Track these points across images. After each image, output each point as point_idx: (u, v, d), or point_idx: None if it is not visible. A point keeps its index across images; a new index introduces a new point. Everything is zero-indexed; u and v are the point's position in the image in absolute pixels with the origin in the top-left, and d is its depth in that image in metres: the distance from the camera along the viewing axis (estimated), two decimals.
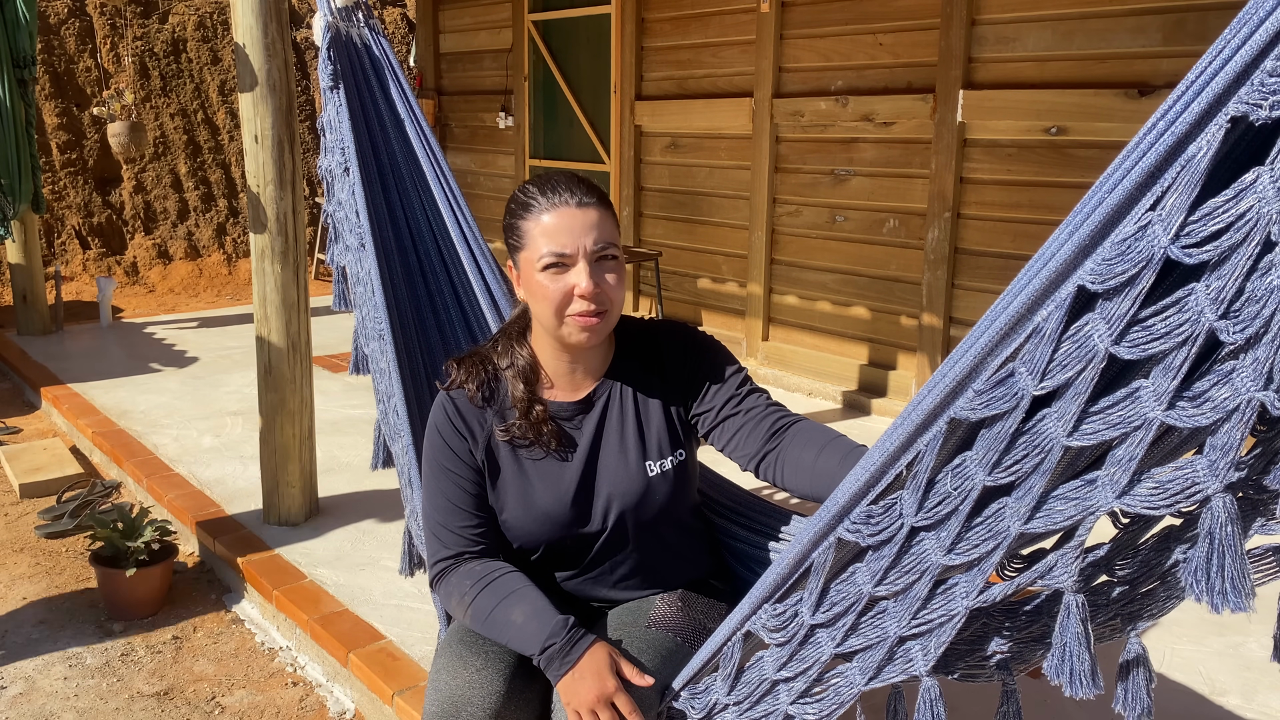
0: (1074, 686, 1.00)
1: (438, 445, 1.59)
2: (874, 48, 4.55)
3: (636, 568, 1.62)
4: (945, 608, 1.09)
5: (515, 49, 6.61)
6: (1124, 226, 0.90)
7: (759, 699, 1.33)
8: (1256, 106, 0.82)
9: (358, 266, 2.30)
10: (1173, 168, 0.88)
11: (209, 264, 8.06)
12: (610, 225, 1.50)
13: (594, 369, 1.60)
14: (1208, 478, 0.88)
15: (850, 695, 1.21)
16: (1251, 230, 0.82)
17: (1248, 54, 0.83)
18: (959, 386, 1.04)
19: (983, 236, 4.25)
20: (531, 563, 1.63)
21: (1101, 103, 3.79)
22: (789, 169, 4.98)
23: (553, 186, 1.50)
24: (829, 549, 1.20)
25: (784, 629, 1.27)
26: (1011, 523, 1.01)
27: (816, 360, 4.95)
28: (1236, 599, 0.86)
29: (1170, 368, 0.88)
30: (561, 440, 1.57)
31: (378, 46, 2.48)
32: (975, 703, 2.29)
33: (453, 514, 1.57)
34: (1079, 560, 1.00)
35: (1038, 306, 0.97)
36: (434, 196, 2.37)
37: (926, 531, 1.10)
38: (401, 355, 2.11)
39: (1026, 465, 0.99)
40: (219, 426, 4.26)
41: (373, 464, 2.32)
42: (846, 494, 1.17)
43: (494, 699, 1.44)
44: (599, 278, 1.47)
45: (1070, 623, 0.99)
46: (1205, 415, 0.86)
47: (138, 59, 8.16)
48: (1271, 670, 2.45)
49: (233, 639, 2.86)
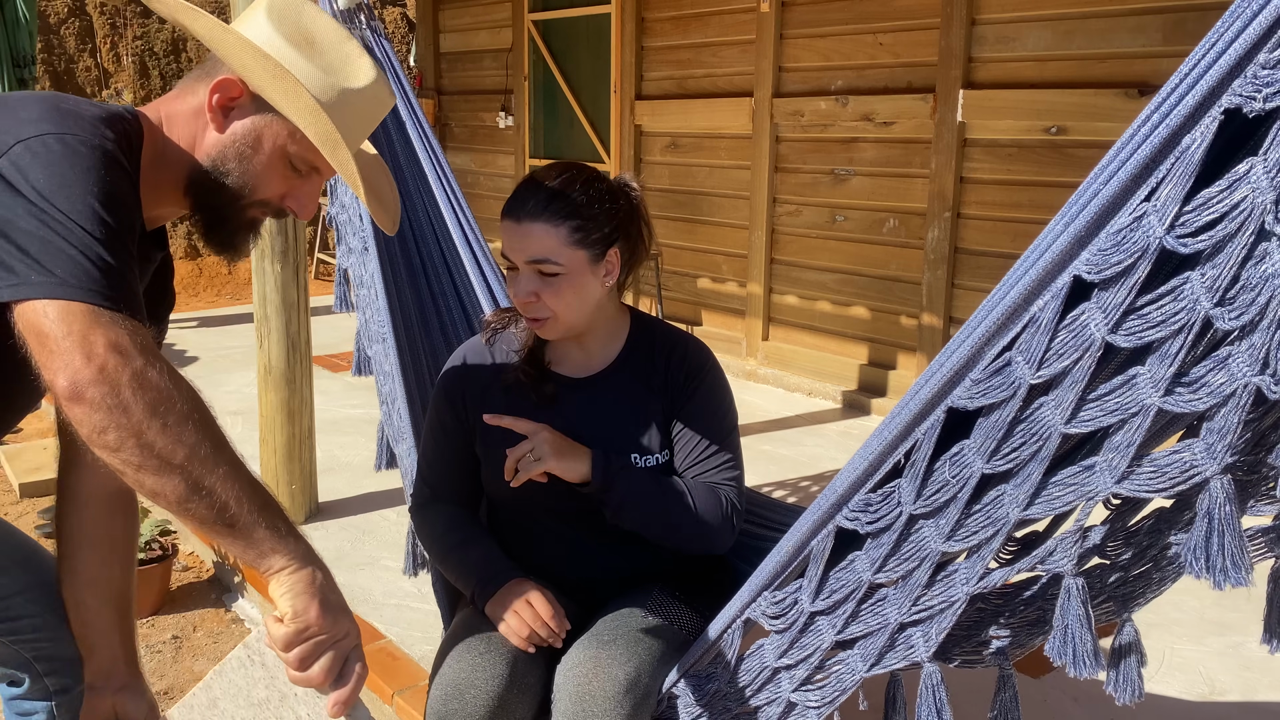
0: (1077, 667, 1.03)
1: (441, 396, 1.70)
2: (874, 48, 4.55)
3: (604, 549, 1.65)
4: (946, 594, 1.10)
5: (515, 49, 6.62)
6: (1120, 217, 0.92)
7: (760, 686, 1.35)
8: (1250, 99, 0.84)
9: (361, 269, 2.30)
10: (1168, 159, 0.89)
11: (209, 264, 8.06)
12: (552, 241, 1.50)
13: (599, 357, 1.65)
14: (1205, 461, 0.89)
15: (852, 682, 1.22)
16: (1245, 220, 0.84)
17: (1241, 47, 0.85)
18: (956, 376, 1.06)
19: (983, 236, 4.25)
20: (504, 526, 1.71)
21: (1101, 103, 3.79)
22: (789, 169, 4.98)
23: (519, 192, 1.54)
24: (828, 537, 1.22)
25: (784, 616, 1.29)
26: (1010, 509, 1.03)
27: (816, 360, 4.95)
28: (1236, 574, 0.88)
29: (1167, 355, 0.90)
30: (554, 403, 1.63)
31: (379, 49, 2.49)
32: (976, 703, 2.29)
33: (441, 463, 1.72)
34: (1079, 545, 1.01)
35: (1034, 297, 0.99)
36: (436, 199, 2.37)
37: (925, 519, 1.11)
38: (405, 357, 2.12)
39: (1025, 452, 1.01)
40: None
41: (376, 465, 2.33)
42: (845, 482, 1.19)
43: (498, 682, 1.46)
44: (535, 287, 1.52)
45: (1071, 605, 1.01)
46: (1202, 401, 0.88)
47: (138, 59, 8.17)
48: (1271, 670, 2.45)
49: (233, 639, 2.86)
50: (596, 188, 1.54)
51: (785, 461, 3.96)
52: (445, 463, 1.71)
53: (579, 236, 1.51)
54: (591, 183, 1.54)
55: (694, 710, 1.47)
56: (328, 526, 3.28)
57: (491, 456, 1.66)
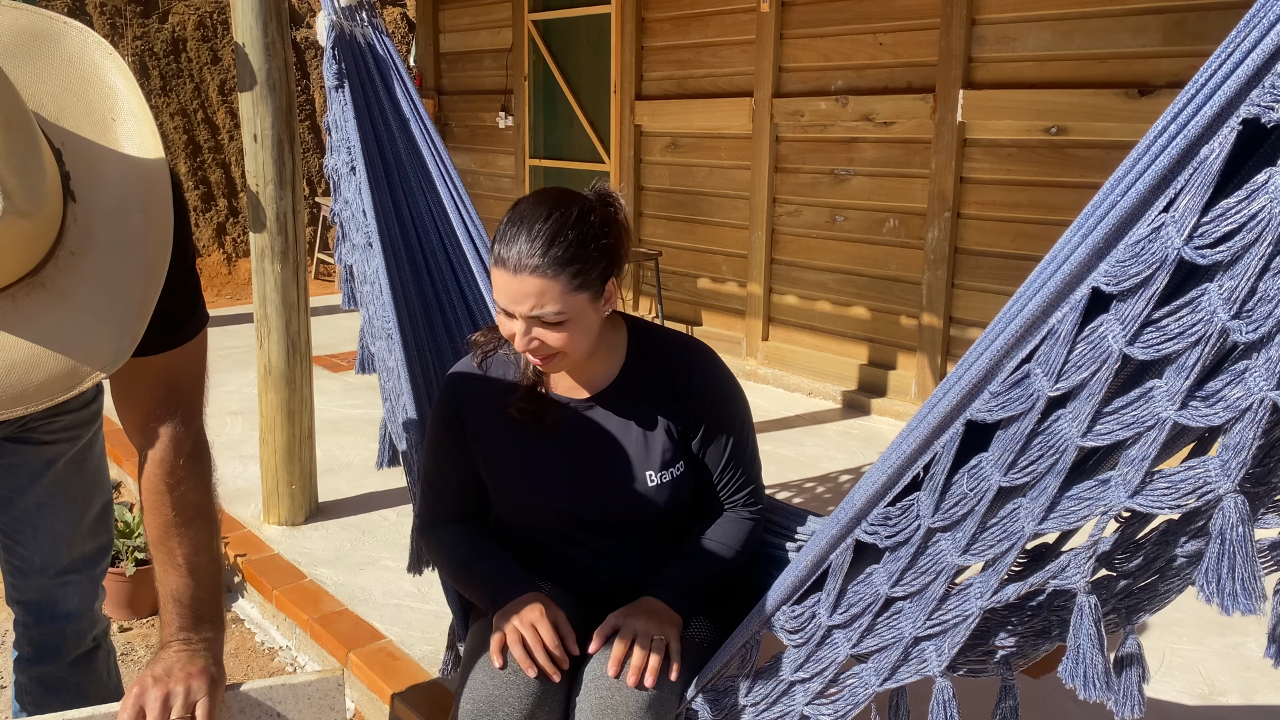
0: (1088, 689, 1.02)
1: (439, 422, 1.66)
2: (874, 48, 4.55)
3: (615, 566, 1.64)
4: (960, 608, 1.09)
5: (515, 49, 6.61)
6: (1138, 228, 0.91)
7: (775, 699, 1.34)
8: (1269, 109, 0.83)
9: (365, 265, 2.30)
10: (1185, 170, 0.89)
11: (209, 263, 8.06)
12: (553, 293, 1.41)
13: (599, 375, 1.60)
14: (1219, 477, 0.88)
15: (865, 696, 1.22)
16: (1264, 231, 0.83)
17: (1259, 56, 0.84)
18: (975, 388, 1.05)
19: (983, 236, 4.25)
20: (515, 541, 1.69)
21: (1101, 103, 3.79)
22: (789, 169, 4.98)
23: (512, 235, 1.43)
24: (847, 550, 1.21)
25: (802, 630, 1.28)
26: (1026, 523, 1.02)
27: (816, 360, 4.95)
28: (1247, 601, 0.87)
29: (1184, 368, 0.89)
30: (560, 429, 1.59)
31: (381, 46, 2.49)
32: (976, 704, 2.29)
33: (444, 486, 1.70)
34: (1093, 560, 1.01)
35: (1053, 309, 0.98)
36: (439, 195, 2.37)
37: (943, 532, 1.10)
38: (411, 353, 2.11)
39: (1041, 466, 1.00)
40: (219, 426, 4.25)
41: (378, 463, 2.32)
42: (864, 496, 1.18)
43: (530, 698, 1.44)
44: (536, 334, 1.45)
45: (1084, 625, 1.00)
46: (1218, 415, 0.87)
47: (138, 58, 8.16)
48: (1271, 670, 2.45)
49: (233, 638, 2.86)
50: (589, 223, 1.45)
51: (785, 461, 3.96)
52: (448, 485, 1.69)
53: (578, 282, 1.43)
54: (584, 219, 1.45)
55: None
56: (328, 526, 3.27)
57: (499, 485, 1.63)
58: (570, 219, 1.43)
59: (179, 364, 1.34)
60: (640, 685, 1.41)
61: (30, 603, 1.71)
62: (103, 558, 1.79)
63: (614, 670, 1.42)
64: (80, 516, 1.71)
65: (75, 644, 1.76)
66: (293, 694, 1.33)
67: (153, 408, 1.33)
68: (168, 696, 1.23)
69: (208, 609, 1.33)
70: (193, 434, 1.36)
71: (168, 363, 1.32)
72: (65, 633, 1.74)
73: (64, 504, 1.67)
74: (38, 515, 1.65)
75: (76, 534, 1.70)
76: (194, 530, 1.34)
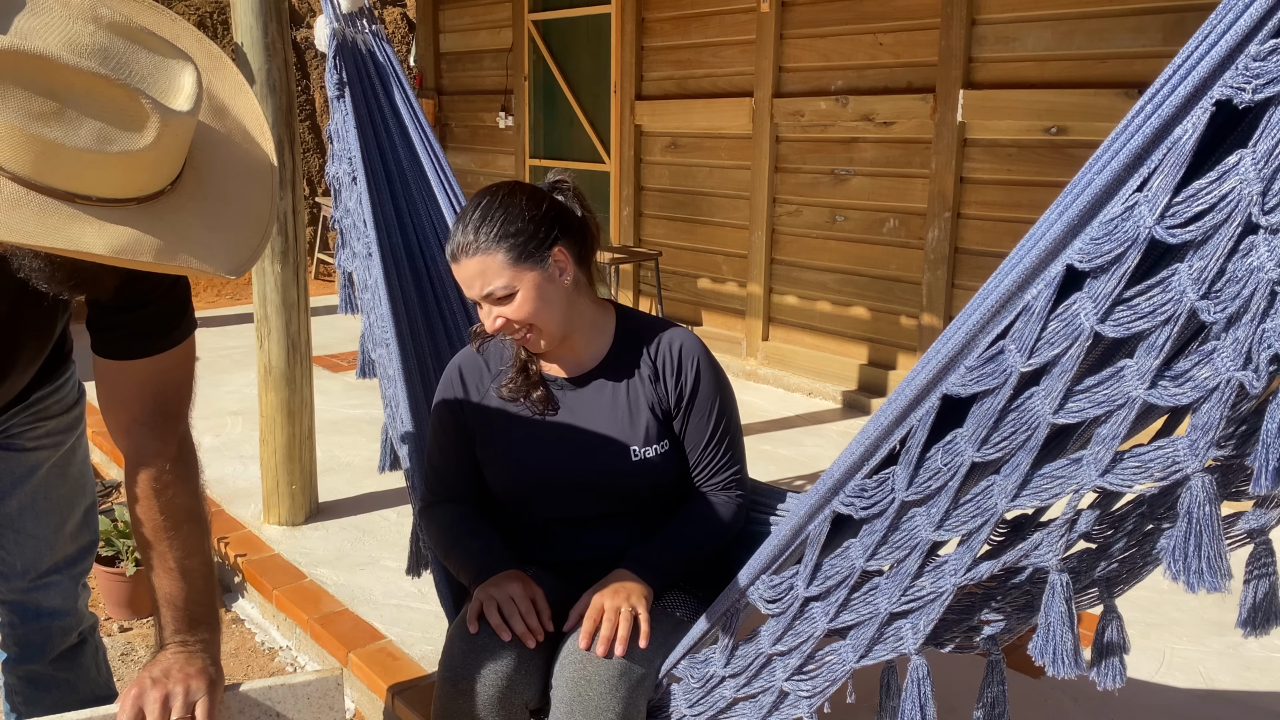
0: (1056, 666, 1.03)
1: (442, 405, 1.75)
2: (874, 48, 4.55)
3: (598, 539, 1.71)
4: (935, 584, 1.11)
5: (515, 49, 6.62)
6: (1112, 207, 0.92)
7: (755, 673, 1.36)
8: (1240, 90, 0.84)
9: (365, 274, 2.32)
10: (1159, 150, 0.90)
11: None
12: (493, 268, 1.54)
13: (587, 355, 1.70)
14: (1188, 457, 0.89)
15: (843, 672, 1.23)
16: (1233, 211, 0.84)
17: (1232, 39, 0.85)
18: (951, 363, 1.07)
19: (983, 236, 4.25)
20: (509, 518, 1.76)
21: (1101, 103, 3.79)
22: (789, 169, 4.99)
23: (453, 230, 1.58)
24: (825, 521, 1.23)
25: (780, 600, 1.31)
26: (999, 500, 1.04)
27: (816, 360, 4.95)
28: (1213, 579, 0.88)
29: (1153, 347, 0.90)
30: (549, 406, 1.68)
31: (381, 52, 2.50)
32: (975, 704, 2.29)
33: (446, 467, 1.77)
34: (1065, 538, 1.02)
35: (1028, 285, 1.00)
36: (439, 203, 2.40)
37: (917, 506, 1.12)
38: (410, 362, 2.14)
39: (1014, 442, 1.01)
40: (219, 426, 4.26)
41: (380, 467, 2.35)
42: (842, 467, 1.20)
43: (506, 665, 1.51)
44: (499, 313, 1.57)
45: (1055, 602, 1.01)
46: (1186, 394, 0.88)
47: None
48: (1271, 670, 2.45)
49: (233, 638, 2.86)
50: (516, 201, 1.57)
51: (785, 461, 3.96)
52: (449, 466, 1.77)
53: (515, 254, 1.55)
54: (511, 197, 1.58)
55: (691, 695, 1.49)
56: (328, 526, 3.28)
57: (494, 459, 1.71)
58: (498, 200, 1.57)
59: (166, 369, 1.36)
60: (610, 655, 1.47)
61: (13, 604, 1.71)
62: (85, 557, 1.79)
63: (584, 643, 1.49)
64: (63, 521, 1.71)
65: (61, 640, 1.77)
66: (292, 694, 1.34)
67: (139, 412, 1.35)
68: (167, 697, 1.24)
69: (202, 611, 1.34)
70: (178, 438, 1.38)
71: (155, 367, 1.34)
72: (50, 630, 1.75)
73: (46, 509, 1.68)
74: (20, 520, 1.66)
75: (59, 538, 1.71)
76: (184, 534, 1.35)
